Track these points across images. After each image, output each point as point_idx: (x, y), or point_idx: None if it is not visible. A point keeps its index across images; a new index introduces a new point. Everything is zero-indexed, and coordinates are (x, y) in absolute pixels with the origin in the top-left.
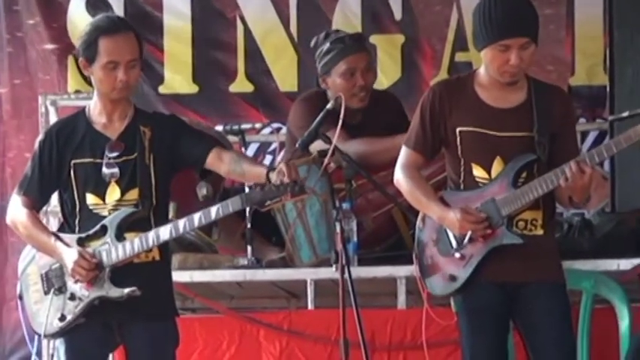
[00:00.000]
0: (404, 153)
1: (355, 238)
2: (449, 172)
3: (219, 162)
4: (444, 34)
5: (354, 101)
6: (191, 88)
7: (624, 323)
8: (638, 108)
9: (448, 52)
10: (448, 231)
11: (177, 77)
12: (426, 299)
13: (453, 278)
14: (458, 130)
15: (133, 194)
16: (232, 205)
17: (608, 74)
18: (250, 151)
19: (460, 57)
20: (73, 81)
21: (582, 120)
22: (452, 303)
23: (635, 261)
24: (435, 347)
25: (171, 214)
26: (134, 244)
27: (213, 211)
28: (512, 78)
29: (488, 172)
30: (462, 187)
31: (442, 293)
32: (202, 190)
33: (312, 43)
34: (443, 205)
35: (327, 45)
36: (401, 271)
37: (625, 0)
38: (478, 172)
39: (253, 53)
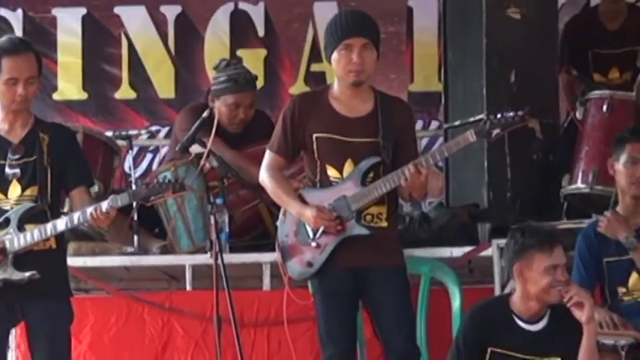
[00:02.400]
0: (268, 156)
1: (227, 229)
2: (307, 172)
3: (74, 199)
4: (301, 48)
5: (232, 128)
6: (81, 95)
7: (456, 303)
8: (467, 118)
9: (304, 64)
10: (306, 223)
11: (69, 85)
12: (287, 282)
13: (309, 264)
14: (314, 136)
15: (33, 191)
16: (121, 199)
17: (443, 90)
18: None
19: (315, 67)
20: None
21: (420, 121)
22: (309, 285)
23: (466, 249)
24: (295, 323)
25: (66, 208)
26: (34, 234)
27: (104, 204)
28: (357, 77)
29: (341, 172)
30: (318, 185)
31: (301, 277)
32: (94, 187)
33: (214, 65)
34: (301, 201)
35: (224, 75)
36: (266, 258)
37: (456, 26)
38: (332, 172)
39: (136, 65)
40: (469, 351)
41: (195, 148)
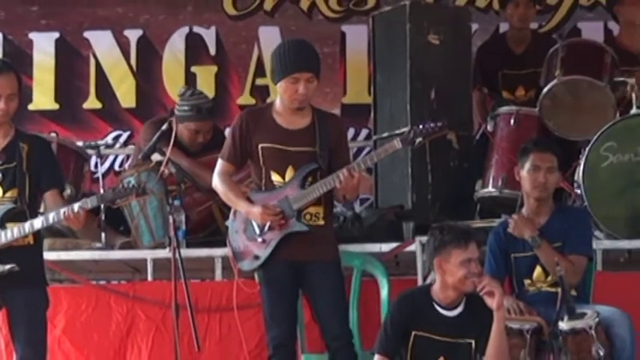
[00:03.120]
0: (220, 163)
1: (184, 227)
2: (253, 177)
3: (48, 200)
4: (247, 65)
5: (192, 148)
6: (53, 106)
7: (384, 292)
8: (394, 130)
9: (250, 78)
10: (253, 221)
11: (43, 97)
12: (237, 273)
13: (256, 257)
14: (260, 146)
15: (13, 193)
16: (90, 202)
17: (372, 106)
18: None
19: (259, 82)
20: None
21: (352, 129)
22: (256, 276)
23: (393, 245)
24: (244, 309)
25: (42, 209)
26: (14, 232)
27: (76, 206)
28: (301, 104)
29: (283, 177)
30: (263, 188)
31: (248, 269)
32: (67, 191)
33: (179, 92)
34: (249, 202)
35: (187, 105)
36: (218, 252)
37: (383, 50)
38: (275, 177)
39: (102, 80)
40: (395, 334)
41: (156, 157)
